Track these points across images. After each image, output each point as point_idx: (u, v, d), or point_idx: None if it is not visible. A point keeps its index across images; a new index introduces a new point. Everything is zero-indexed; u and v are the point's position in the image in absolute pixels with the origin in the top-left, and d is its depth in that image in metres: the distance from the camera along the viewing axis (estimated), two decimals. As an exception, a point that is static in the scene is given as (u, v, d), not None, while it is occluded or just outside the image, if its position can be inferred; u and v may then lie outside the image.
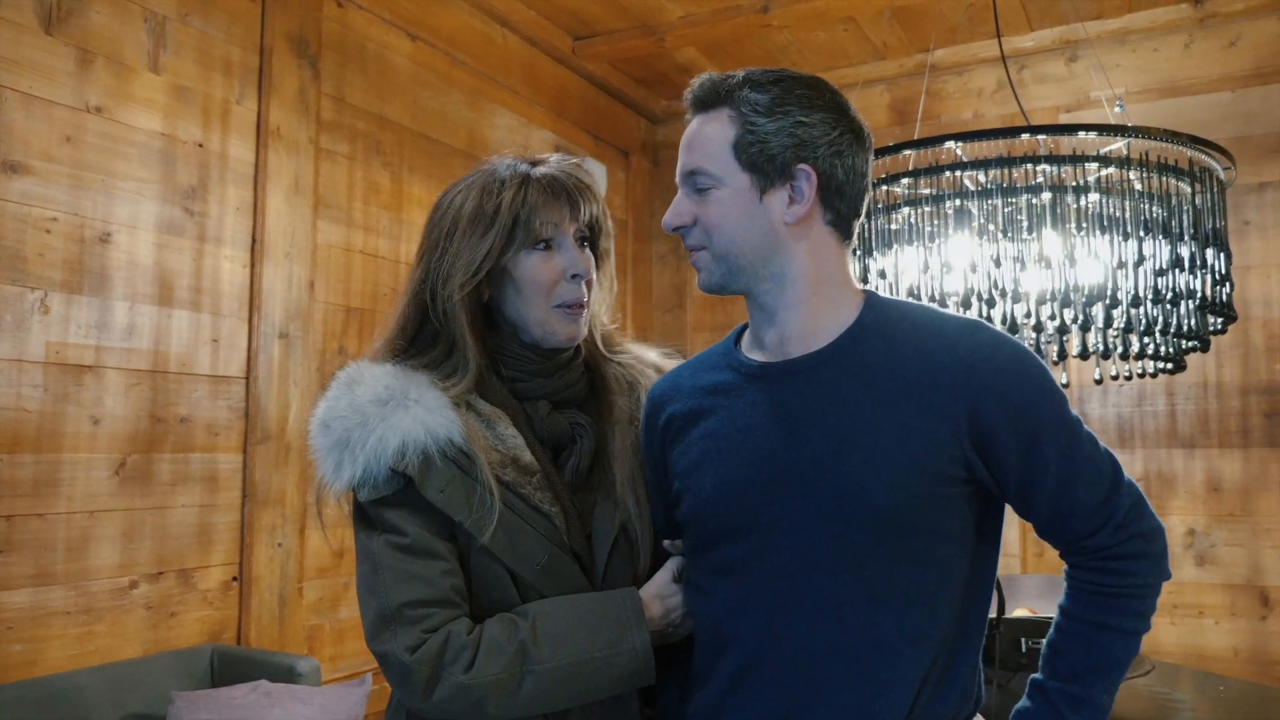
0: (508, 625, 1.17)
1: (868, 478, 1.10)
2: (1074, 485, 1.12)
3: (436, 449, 1.18)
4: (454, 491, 1.18)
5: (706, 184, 1.17)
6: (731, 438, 1.20)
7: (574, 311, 1.29)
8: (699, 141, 1.18)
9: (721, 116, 1.17)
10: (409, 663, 1.13)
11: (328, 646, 3.11)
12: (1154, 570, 1.14)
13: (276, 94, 3.01)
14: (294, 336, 3.03)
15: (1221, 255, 2.41)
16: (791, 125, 1.14)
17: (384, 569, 1.18)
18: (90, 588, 2.49)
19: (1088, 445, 1.14)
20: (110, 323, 2.57)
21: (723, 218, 1.17)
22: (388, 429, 1.17)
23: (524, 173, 1.28)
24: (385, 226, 3.43)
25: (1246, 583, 3.78)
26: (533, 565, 1.21)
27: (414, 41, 3.58)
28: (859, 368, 1.15)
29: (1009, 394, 1.11)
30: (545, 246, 1.28)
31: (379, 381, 1.22)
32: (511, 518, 1.20)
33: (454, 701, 1.14)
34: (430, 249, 1.29)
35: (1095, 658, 1.14)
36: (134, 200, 2.64)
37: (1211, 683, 2.74)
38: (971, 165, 2.37)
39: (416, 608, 1.16)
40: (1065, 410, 1.14)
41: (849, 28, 4.15)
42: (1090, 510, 1.13)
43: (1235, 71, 3.93)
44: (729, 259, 1.18)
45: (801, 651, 1.12)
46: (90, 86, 2.55)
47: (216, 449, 2.82)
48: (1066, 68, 4.21)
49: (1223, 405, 3.87)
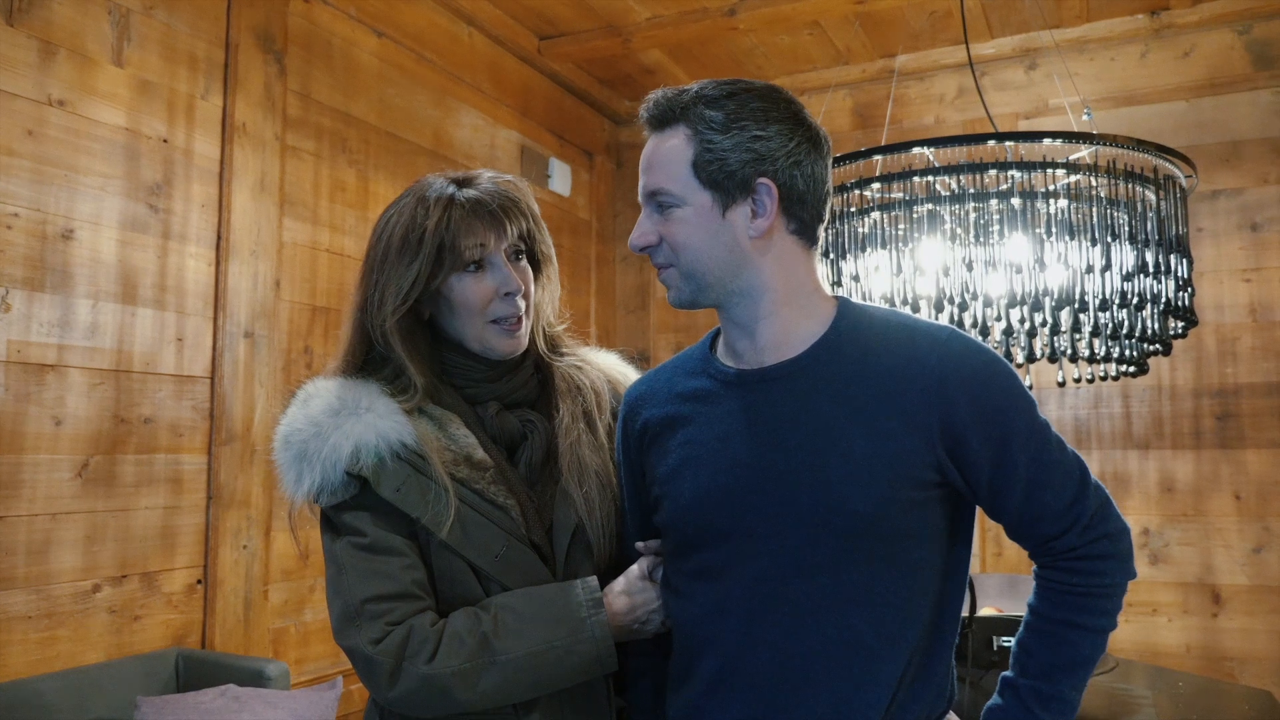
0: (470, 617, 1.20)
1: (844, 484, 1.12)
2: (1043, 488, 1.14)
3: (389, 451, 1.21)
4: (409, 490, 1.21)
5: (669, 203, 1.17)
6: (710, 444, 1.21)
7: (510, 327, 1.31)
8: (658, 161, 1.18)
9: (678, 135, 1.17)
10: (373, 655, 1.17)
11: (293, 650, 3.07)
12: (1120, 570, 1.17)
13: (242, 90, 2.97)
14: (259, 336, 2.99)
15: (1184, 261, 2.48)
16: (748, 140, 1.14)
17: (347, 569, 1.21)
18: (52, 591, 2.43)
19: (1056, 449, 1.16)
20: (73, 321, 2.51)
21: (687, 236, 1.17)
22: (341, 436, 1.21)
23: (448, 196, 1.29)
24: (351, 225, 3.39)
25: (1198, 581, 3.88)
26: (490, 556, 1.23)
27: (380, 38, 3.54)
28: (833, 375, 1.16)
29: (980, 399, 1.13)
30: (476, 268, 1.30)
31: (331, 394, 1.26)
32: (467, 512, 1.23)
33: (418, 693, 1.17)
34: (366, 275, 1.32)
35: (1064, 655, 1.16)
36: (97, 196, 2.58)
37: (1169, 678, 2.80)
38: (943, 170, 2.40)
39: (379, 602, 1.19)
40: (1035, 415, 1.16)
41: (814, 32, 4.19)
42: (1059, 512, 1.15)
43: (1189, 82, 4.04)
44: (696, 276, 1.18)
45: (779, 654, 1.14)
46: (53, 79, 2.49)
47: (181, 450, 2.77)
48: (1026, 75, 4.29)
49: (1176, 408, 3.97)
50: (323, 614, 3.17)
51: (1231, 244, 3.93)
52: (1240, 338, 3.89)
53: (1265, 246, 3.90)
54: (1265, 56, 3.94)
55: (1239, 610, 3.81)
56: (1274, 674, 3.71)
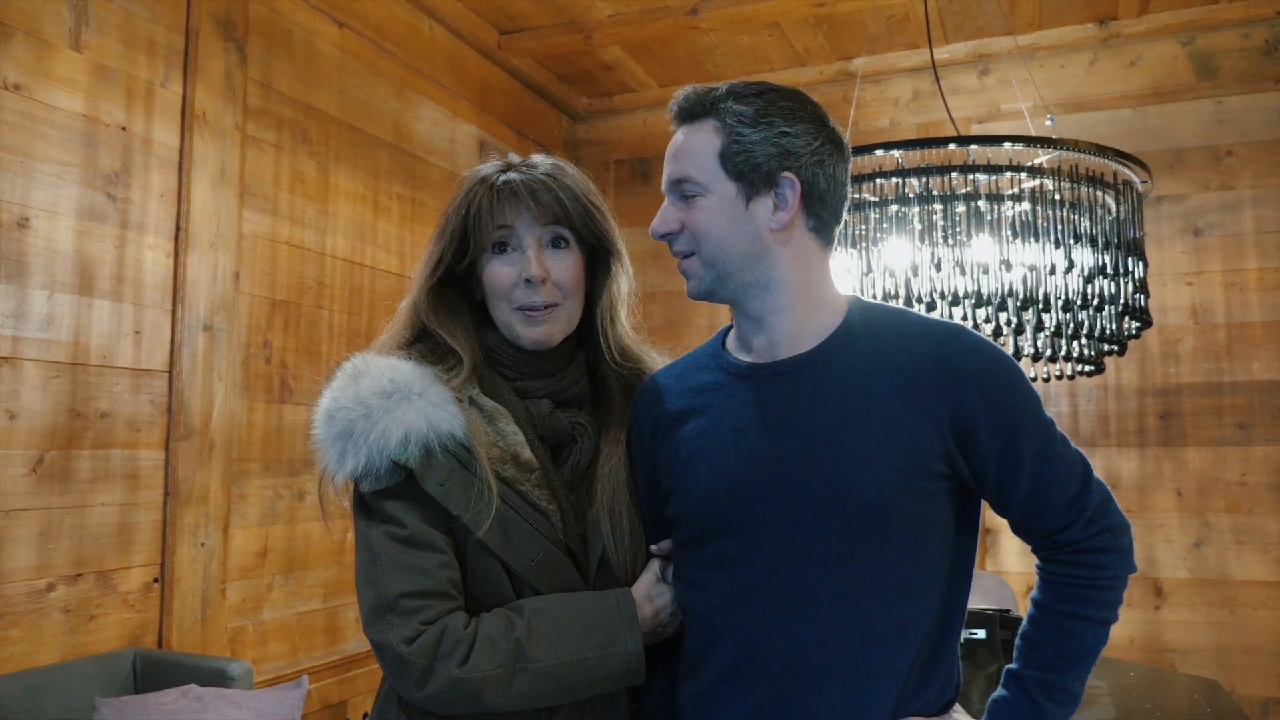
0: (504, 621, 1.18)
1: (858, 474, 1.14)
2: (1048, 482, 1.18)
3: (438, 443, 1.18)
4: (453, 485, 1.18)
5: (694, 191, 1.20)
6: (723, 436, 1.22)
7: (533, 315, 1.27)
8: (686, 151, 1.22)
9: (707, 127, 1.21)
10: (405, 654, 1.14)
11: (251, 649, 3.01)
12: (1122, 563, 1.20)
13: (202, 78, 2.90)
14: (219, 329, 2.93)
15: (1140, 263, 2.55)
16: (776, 135, 1.19)
17: (382, 559, 1.18)
18: (4, 591, 2.36)
19: (1061, 445, 1.20)
20: (28, 312, 2.44)
21: (710, 224, 1.20)
22: (391, 421, 1.17)
23: (483, 176, 1.29)
24: (311, 218, 3.34)
25: (1141, 575, 4.00)
26: (527, 560, 1.21)
27: (341, 29, 3.49)
28: (846, 368, 1.19)
29: (990, 394, 1.16)
30: (501, 250, 1.28)
31: (384, 374, 1.21)
32: (508, 513, 1.20)
33: (447, 694, 1.15)
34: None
35: (1068, 646, 1.19)
36: (54, 184, 2.51)
37: (1120, 669, 2.89)
38: (910, 172, 2.44)
39: (414, 599, 1.16)
40: (1041, 411, 1.20)
41: (774, 33, 4.23)
42: (1062, 506, 1.18)
43: (1135, 90, 4.16)
44: (717, 265, 1.21)
45: (794, 642, 1.16)
46: (8, 63, 2.41)
47: (138, 445, 2.70)
48: (979, 80, 4.38)
49: (1121, 406, 4.09)
50: (281, 613, 3.12)
51: (1175, 248, 4.06)
52: (1182, 339, 4.02)
53: (1206, 251, 4.03)
54: (1208, 67, 4.07)
55: (1180, 603, 3.94)
56: (1213, 665, 3.84)
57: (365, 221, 3.58)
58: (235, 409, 2.98)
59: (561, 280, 1.28)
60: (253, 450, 3.05)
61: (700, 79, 4.72)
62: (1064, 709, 1.19)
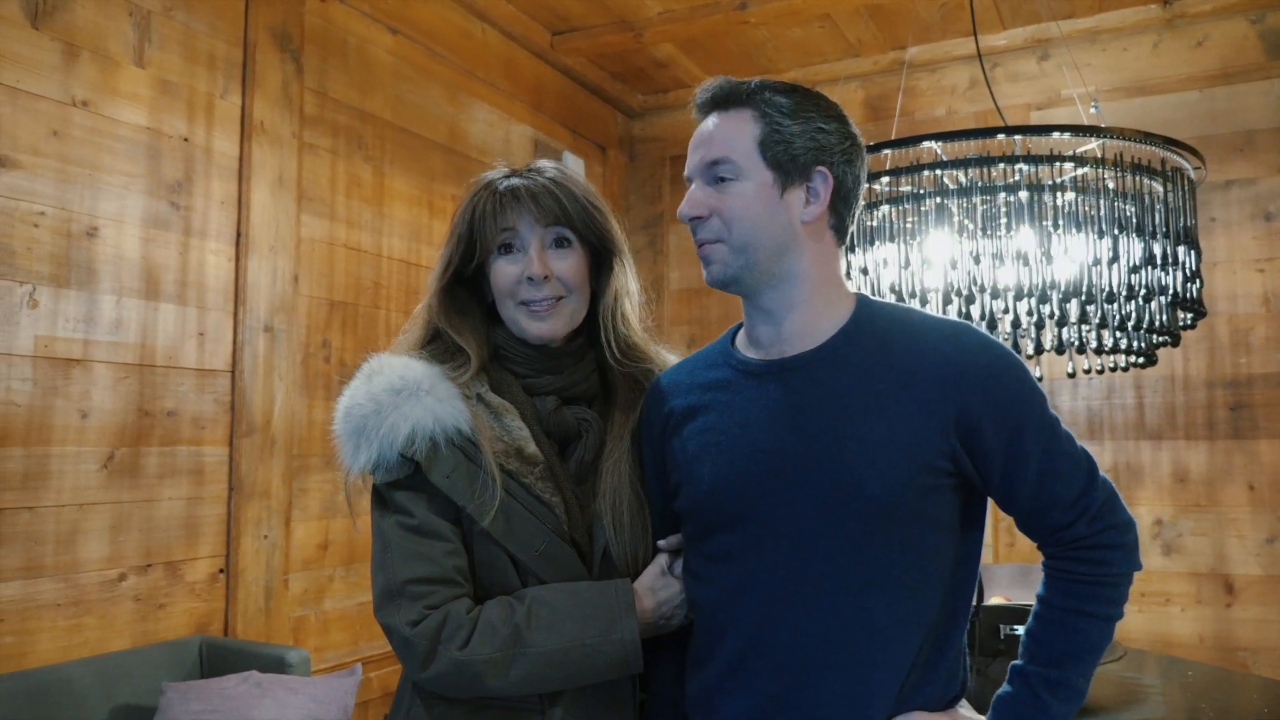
0: (505, 608, 1.23)
1: (862, 469, 1.16)
2: (1053, 479, 1.18)
3: (444, 437, 1.24)
4: (459, 477, 1.24)
5: (730, 175, 1.21)
6: (730, 431, 1.25)
7: (537, 310, 1.33)
8: (722, 135, 1.23)
9: (744, 116, 1.23)
10: (410, 636, 1.21)
11: (313, 638, 3.13)
12: (1127, 560, 1.20)
13: (260, 88, 3.02)
14: (279, 330, 3.04)
15: (1192, 253, 2.49)
16: (814, 130, 1.22)
17: (392, 547, 1.25)
18: (80, 580, 2.50)
19: (1065, 442, 1.20)
20: (97, 316, 2.57)
21: (745, 210, 1.21)
22: (399, 416, 1.24)
23: (487, 182, 1.36)
24: (368, 221, 3.44)
25: (1211, 571, 3.89)
26: (530, 550, 1.27)
27: (395, 35, 3.58)
28: (853, 365, 1.21)
29: (995, 392, 1.17)
30: (506, 250, 1.34)
31: (395, 372, 1.28)
32: (512, 504, 1.26)
33: (449, 675, 1.21)
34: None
35: (1072, 642, 1.19)
36: (120, 194, 2.64)
37: (1179, 668, 2.82)
38: (950, 164, 2.42)
39: (420, 584, 1.23)
40: (1046, 409, 1.20)
41: (825, 25, 4.20)
42: (1067, 503, 1.18)
43: (1202, 71, 4.03)
44: (746, 252, 1.22)
45: (798, 635, 1.17)
46: (76, 80, 2.55)
47: (203, 442, 2.83)
48: (1038, 66, 4.29)
49: (1189, 398, 3.98)
50: (342, 603, 3.23)
51: (1245, 234, 3.93)
52: (1254, 328, 3.89)
53: (1278, 236, 3.89)
54: (1278, 45, 3.92)
55: (1253, 600, 3.82)
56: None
57: (420, 223, 3.68)
58: (295, 406, 3.09)
59: (564, 276, 1.34)
60: (313, 446, 3.16)
61: (753, 73, 4.71)
62: (1068, 705, 1.19)
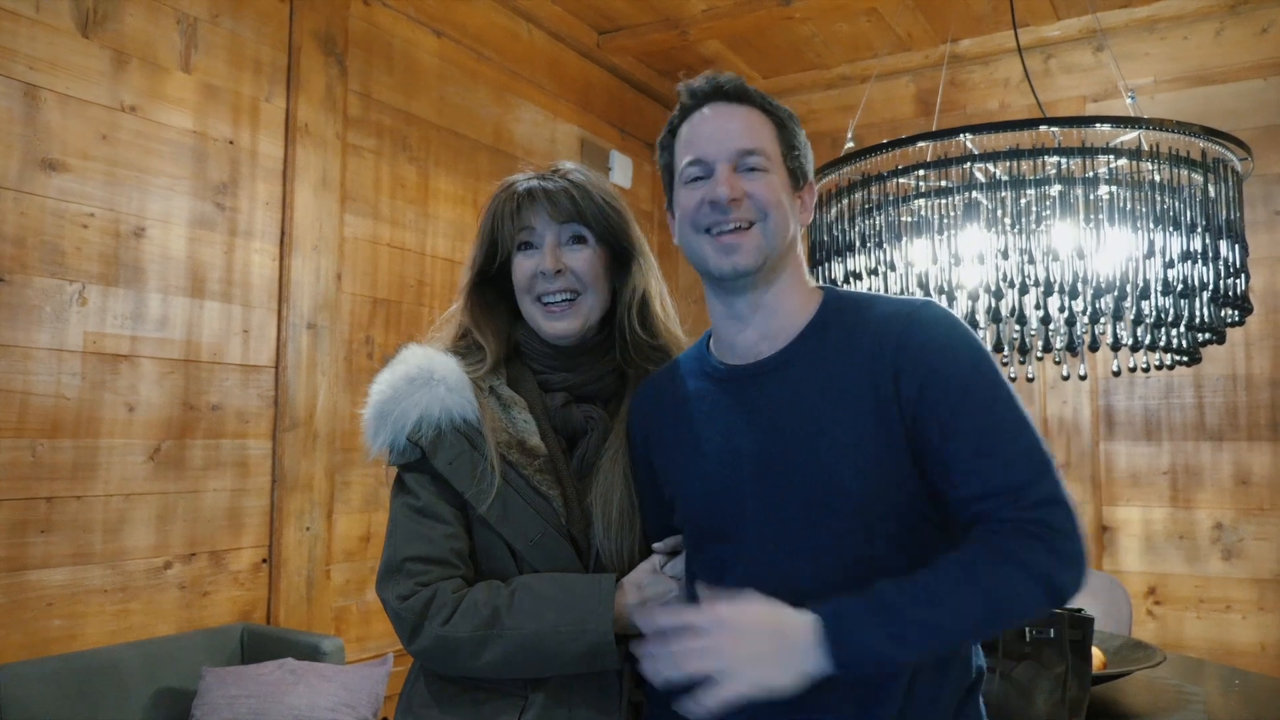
0: (491, 590, 1.27)
1: (836, 466, 1.15)
2: (990, 458, 1.09)
3: (449, 425, 1.31)
4: (461, 464, 1.30)
5: (763, 165, 1.22)
6: (712, 440, 1.26)
7: (553, 308, 1.37)
8: (749, 127, 1.23)
9: (757, 114, 1.25)
10: (399, 609, 1.27)
11: (354, 628, 3.20)
12: (1073, 544, 1.07)
13: (304, 91, 3.10)
14: (321, 327, 3.12)
15: (1236, 247, 2.40)
16: (808, 146, 1.30)
17: (398, 526, 1.33)
18: (126, 567, 2.60)
19: (1014, 429, 1.11)
20: (145, 314, 2.67)
21: (778, 199, 1.22)
22: (410, 404, 1.31)
23: (508, 185, 1.41)
24: (411, 220, 3.51)
25: (1274, 577, 3.75)
26: (525, 539, 1.30)
27: (440, 38, 3.65)
28: (819, 360, 1.21)
29: (933, 362, 1.13)
30: (526, 248, 1.39)
31: (415, 361, 1.35)
32: (510, 494, 1.30)
33: (431, 650, 1.26)
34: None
35: (954, 578, 1.05)
36: (167, 196, 2.74)
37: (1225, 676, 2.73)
38: (982, 158, 2.38)
39: (417, 563, 1.29)
40: (997, 389, 1.12)
41: (872, 19, 4.15)
42: (1005, 488, 1.08)
43: (1267, 59, 3.88)
44: (774, 240, 1.22)
45: None
46: (125, 87, 2.65)
47: (247, 435, 2.92)
48: (1094, 57, 4.18)
49: (1252, 397, 3.84)
50: (384, 594, 3.31)
51: (1311, 228, 3.78)
52: (1320, 325, 3.74)
53: (1348, 230, 3.73)
54: (1349, 31, 3.76)
55: (1317, 608, 3.67)
56: (1353, 675, 3.57)
57: (465, 222, 3.73)
58: (338, 401, 3.17)
59: (579, 271, 1.37)
60: (355, 440, 3.24)
61: (802, 69, 4.69)
62: (883, 638, 1.04)
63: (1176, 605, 3.89)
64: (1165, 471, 3.95)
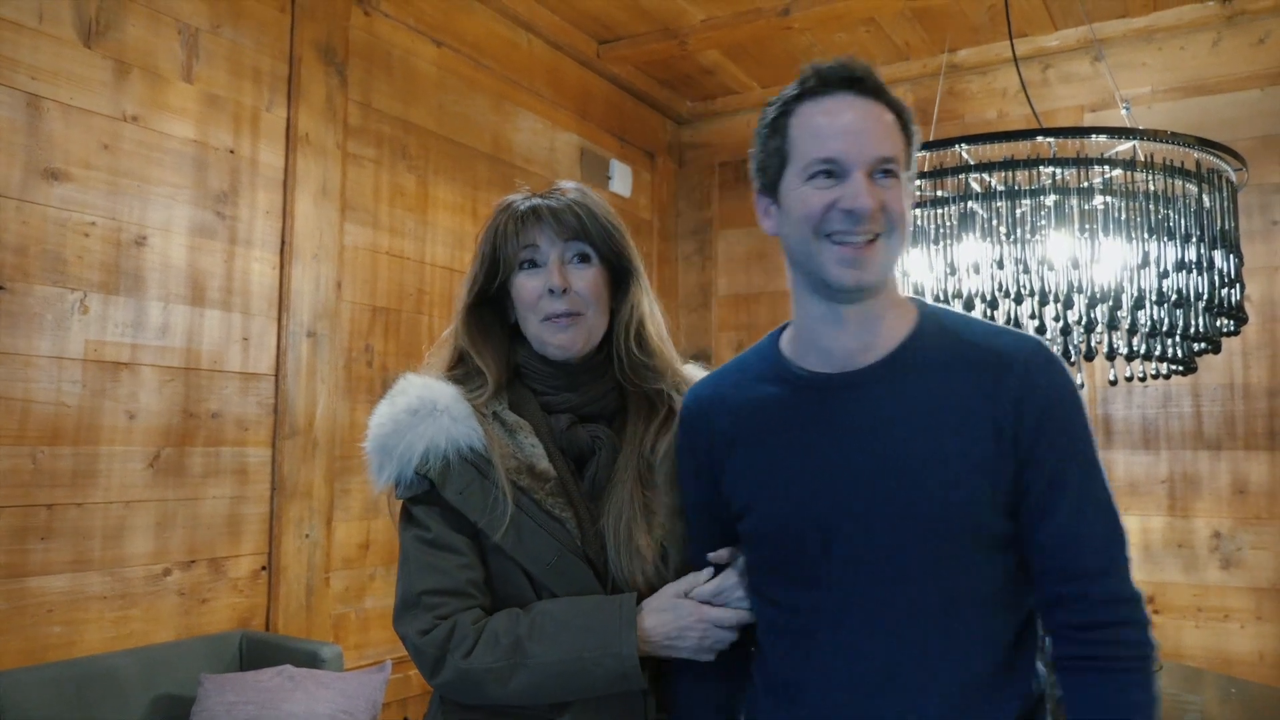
0: (510, 619, 1.27)
1: (938, 486, 1.12)
2: (1087, 520, 1.13)
3: (456, 455, 1.30)
4: (471, 493, 1.29)
5: (897, 172, 1.15)
6: (797, 451, 1.20)
7: (559, 322, 1.35)
8: (886, 130, 1.15)
9: (890, 114, 1.16)
10: (420, 644, 1.27)
11: (353, 635, 3.21)
12: (1143, 637, 1.12)
13: (305, 101, 3.12)
14: (321, 335, 3.13)
15: (1230, 257, 2.42)
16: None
17: (410, 560, 1.32)
18: (126, 574, 2.61)
19: (1106, 495, 1.15)
20: (145, 322, 2.69)
21: (906, 210, 1.16)
22: (415, 436, 1.30)
23: (509, 204, 1.40)
24: (411, 229, 3.53)
25: (1272, 586, 3.76)
26: (542, 564, 1.30)
27: (439, 48, 3.67)
28: (919, 377, 1.16)
29: (1057, 417, 1.13)
30: (529, 266, 1.38)
31: (414, 392, 1.34)
32: (524, 519, 1.29)
33: (455, 683, 1.26)
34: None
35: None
36: (168, 205, 2.76)
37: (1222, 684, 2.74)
38: (978, 168, 2.39)
39: (433, 596, 1.28)
40: (1095, 450, 1.16)
41: (870, 29, 4.18)
42: (1096, 549, 1.12)
43: (1264, 70, 3.90)
44: (898, 251, 1.16)
45: (888, 661, 1.13)
46: (126, 96, 2.67)
47: (246, 443, 2.93)
48: (1092, 67, 4.20)
49: (1249, 406, 3.85)
50: (382, 601, 3.31)
51: (1309, 237, 3.79)
52: (1317, 334, 3.75)
53: (1345, 239, 3.74)
54: (1345, 42, 3.78)
55: (1315, 617, 3.67)
56: (1351, 684, 3.57)
57: (464, 230, 3.75)
58: (338, 409, 3.18)
59: (583, 291, 1.36)
60: (355, 448, 3.24)
61: (802, 78, 4.70)
62: None
63: (1174, 614, 3.90)
64: (1163, 480, 3.96)
